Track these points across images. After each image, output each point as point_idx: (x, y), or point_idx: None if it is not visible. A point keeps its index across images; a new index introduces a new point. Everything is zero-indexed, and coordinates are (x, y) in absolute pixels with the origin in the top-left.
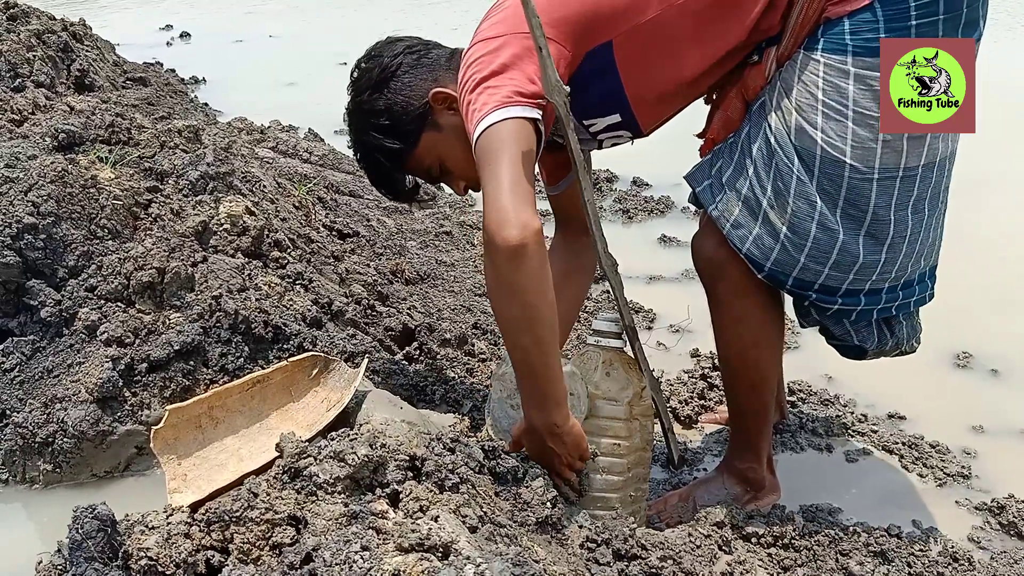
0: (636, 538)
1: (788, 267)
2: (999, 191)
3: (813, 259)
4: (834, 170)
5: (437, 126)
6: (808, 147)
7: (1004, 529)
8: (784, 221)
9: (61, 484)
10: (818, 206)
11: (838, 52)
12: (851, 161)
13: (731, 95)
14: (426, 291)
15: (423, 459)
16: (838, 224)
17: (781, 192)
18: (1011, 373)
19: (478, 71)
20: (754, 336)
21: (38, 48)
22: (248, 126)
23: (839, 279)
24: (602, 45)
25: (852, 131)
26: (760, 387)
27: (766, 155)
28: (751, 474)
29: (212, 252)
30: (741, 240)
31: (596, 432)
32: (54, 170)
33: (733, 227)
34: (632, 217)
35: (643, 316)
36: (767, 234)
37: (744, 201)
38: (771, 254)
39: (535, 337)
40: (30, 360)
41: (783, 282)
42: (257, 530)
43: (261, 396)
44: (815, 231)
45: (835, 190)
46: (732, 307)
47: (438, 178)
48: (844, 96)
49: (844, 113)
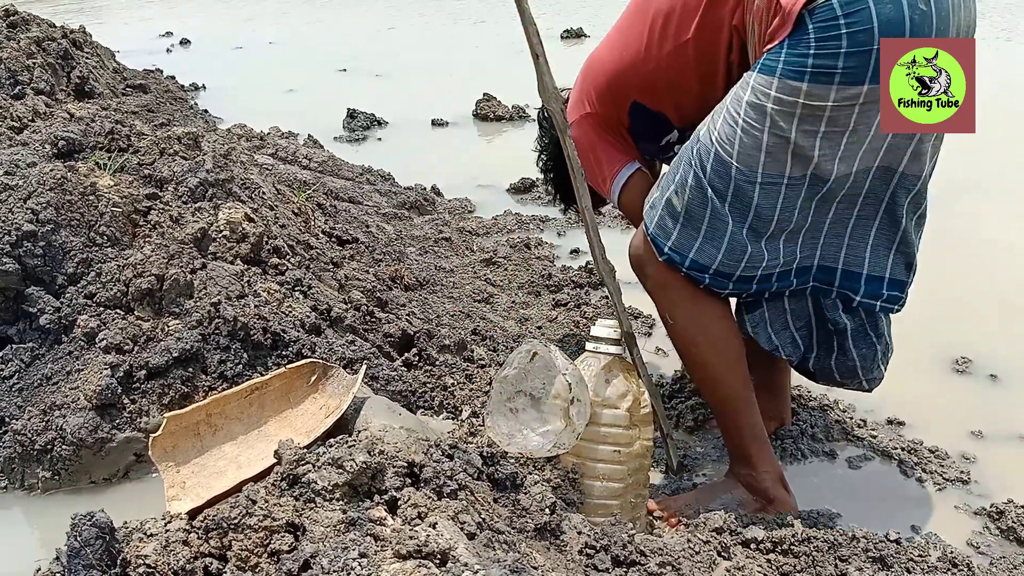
0: (635, 544)
1: (684, 249)
2: (995, 196)
3: (709, 242)
4: (723, 168)
5: None
6: (706, 144)
7: (1003, 534)
8: (682, 206)
9: (60, 491)
10: (708, 196)
11: (752, 69)
12: (736, 163)
13: None
14: (425, 297)
15: (421, 466)
16: (728, 216)
17: (683, 181)
18: (1010, 378)
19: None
20: (688, 333)
21: (38, 55)
22: (247, 132)
23: (731, 266)
24: (634, 103)
25: (740, 138)
26: (716, 389)
27: (685, 149)
28: (752, 481)
29: (211, 259)
30: (651, 220)
31: (596, 439)
32: (53, 177)
33: (650, 208)
34: (628, 225)
35: (642, 322)
36: (668, 216)
37: (661, 187)
38: (672, 234)
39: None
40: (29, 367)
41: (679, 264)
42: (255, 537)
43: (260, 403)
44: (708, 219)
45: (723, 186)
46: (660, 300)
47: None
48: (739, 105)
49: (736, 121)
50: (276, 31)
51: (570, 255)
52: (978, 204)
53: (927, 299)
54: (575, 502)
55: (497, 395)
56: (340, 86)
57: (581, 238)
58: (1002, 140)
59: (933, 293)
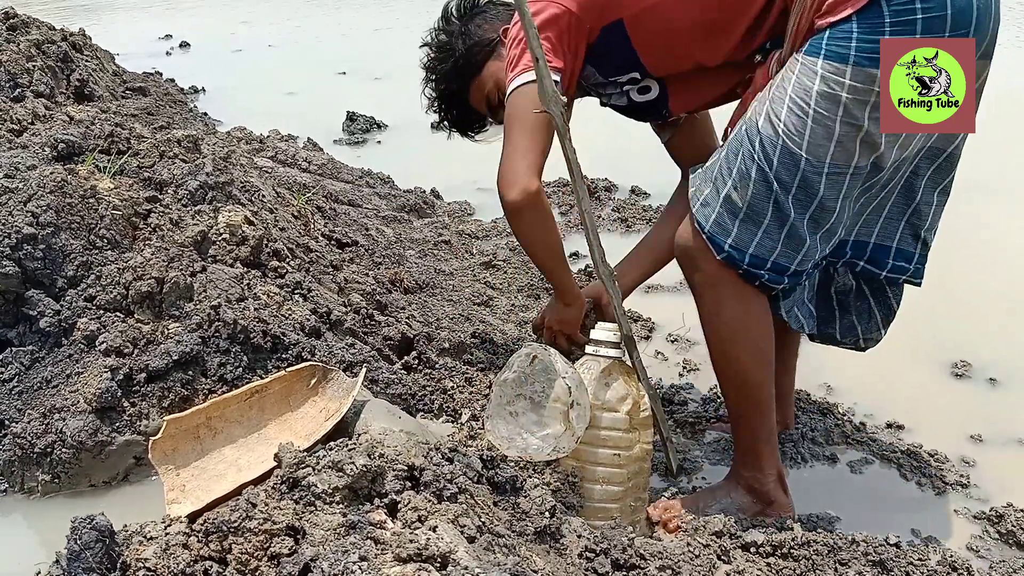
0: (635, 548)
1: (744, 245)
2: (995, 197)
3: (768, 236)
4: (791, 160)
5: (500, 57)
6: (771, 136)
7: (1003, 538)
8: (744, 202)
9: (59, 494)
10: (774, 189)
11: (813, 54)
12: (806, 155)
13: (747, 96)
14: (425, 300)
15: (421, 469)
16: (790, 209)
17: (744, 175)
18: (1009, 382)
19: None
20: (730, 331)
21: (38, 58)
22: (247, 135)
23: (790, 257)
24: (615, 22)
25: (811, 128)
26: (744, 388)
27: (738, 140)
28: (756, 483)
29: (211, 262)
30: (705, 218)
31: (596, 443)
32: (53, 180)
33: (702, 205)
34: (631, 226)
35: (641, 325)
36: (727, 212)
37: (713, 182)
38: (731, 231)
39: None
40: (29, 370)
41: (740, 260)
42: (255, 540)
43: (259, 406)
44: (770, 212)
45: (790, 178)
46: (707, 298)
47: (495, 108)
48: (808, 95)
49: (806, 111)
50: (275, 34)
51: (569, 258)
52: (978, 205)
53: (926, 302)
54: (575, 506)
55: (497, 398)
56: (340, 89)
57: (580, 241)
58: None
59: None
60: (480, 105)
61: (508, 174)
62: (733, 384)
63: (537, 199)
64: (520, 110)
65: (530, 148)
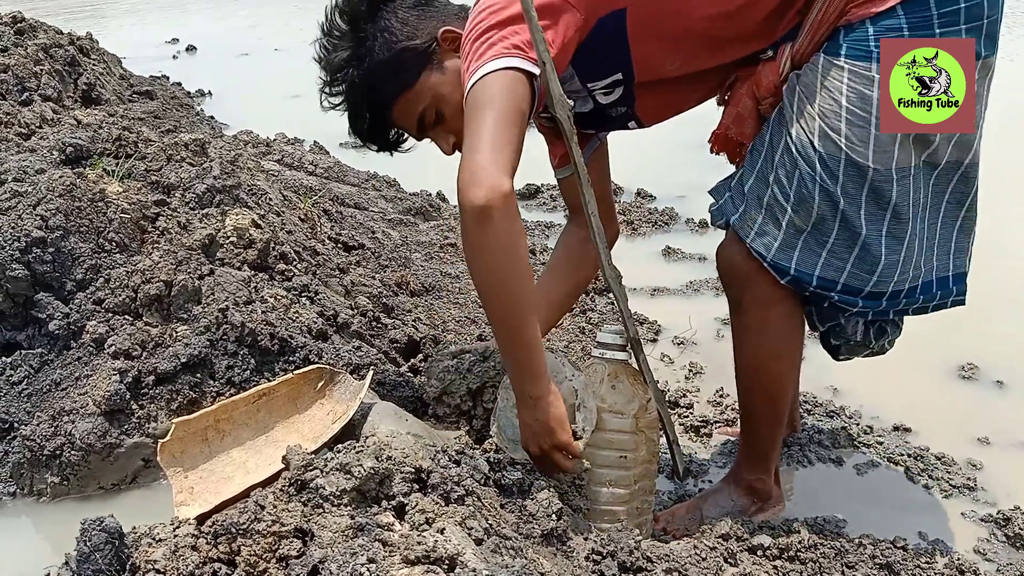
0: (641, 550)
1: (811, 266)
2: (1003, 198)
3: (835, 255)
4: (858, 171)
5: (441, 66)
6: (832, 152)
7: (1010, 541)
8: (808, 224)
9: (68, 497)
10: (840, 207)
11: (862, 59)
12: (873, 164)
13: (742, 92)
14: (431, 303)
15: (429, 471)
16: (861, 225)
17: (805, 198)
18: (1016, 384)
19: (484, 20)
20: (775, 347)
21: (45, 62)
22: (254, 139)
23: (863, 279)
24: (615, 12)
25: (874, 136)
26: (776, 398)
27: (788, 163)
28: (759, 485)
29: (219, 265)
30: (766, 248)
31: (602, 445)
32: (63, 184)
33: (758, 235)
34: (636, 229)
35: (647, 328)
36: (791, 238)
37: (767, 209)
38: (794, 255)
39: (505, 301)
40: (38, 373)
41: (807, 283)
42: (264, 542)
43: (267, 409)
44: (837, 231)
45: (857, 192)
46: (756, 317)
47: (427, 128)
48: (868, 103)
49: (868, 120)
50: (282, 38)
51: None
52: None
53: None
54: (581, 508)
55: (503, 401)
56: None
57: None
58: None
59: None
60: (407, 122)
61: (474, 170)
62: (765, 396)
63: (509, 202)
64: (492, 97)
65: (503, 142)
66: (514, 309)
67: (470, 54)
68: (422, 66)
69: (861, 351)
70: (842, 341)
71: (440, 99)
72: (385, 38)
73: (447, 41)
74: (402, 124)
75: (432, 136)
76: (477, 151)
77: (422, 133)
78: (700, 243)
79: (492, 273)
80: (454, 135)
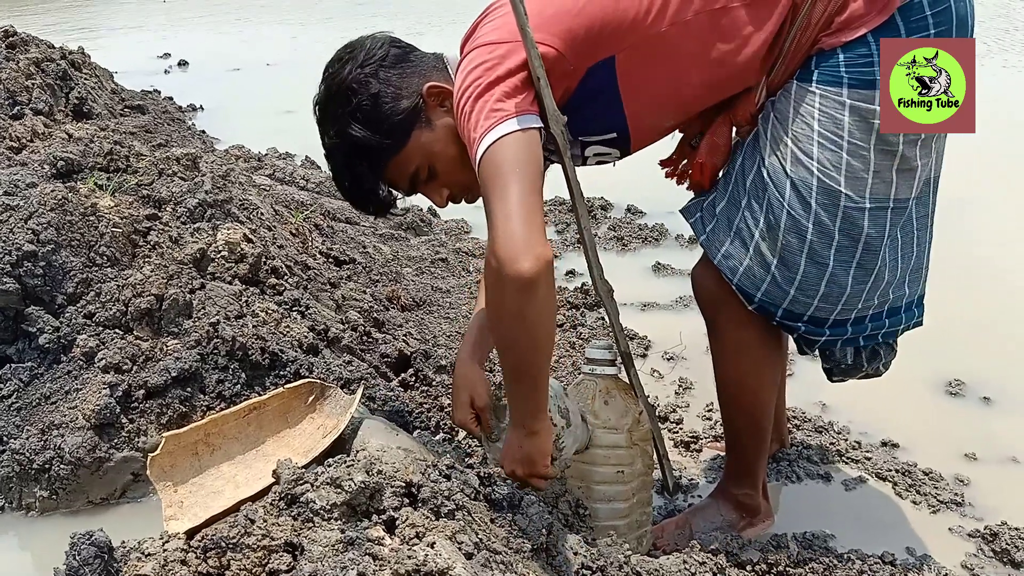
0: (631, 565)
1: (778, 299)
2: (989, 214)
3: (803, 292)
4: (830, 199)
5: (430, 124)
6: (804, 177)
7: (997, 556)
8: (775, 254)
9: (57, 511)
10: (808, 239)
11: (834, 84)
12: (846, 191)
13: (719, 121)
14: (422, 318)
15: (419, 486)
16: (829, 257)
17: (772, 226)
18: (1003, 401)
19: (481, 77)
20: (753, 365)
21: (37, 76)
22: (245, 154)
23: (827, 311)
24: (605, 60)
25: (847, 162)
26: (757, 414)
27: (759, 188)
28: (746, 500)
29: (210, 279)
30: (732, 271)
31: (599, 462)
32: (54, 198)
33: (724, 257)
34: (626, 245)
35: (638, 343)
36: (758, 266)
37: (736, 232)
38: (761, 286)
39: (535, 359)
40: (28, 386)
41: (773, 314)
42: (254, 556)
43: (257, 423)
44: (804, 264)
45: (831, 220)
46: (731, 337)
47: (420, 185)
48: (840, 127)
49: (840, 144)
50: (273, 53)
51: (565, 276)
52: (971, 222)
53: None
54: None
55: (491, 418)
56: None
57: (577, 260)
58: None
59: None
60: (399, 182)
61: (516, 239)
62: (745, 412)
63: (551, 270)
64: (515, 161)
65: (535, 208)
66: (538, 363)
67: (474, 113)
68: (412, 127)
69: (855, 374)
70: (832, 364)
71: (433, 156)
72: (371, 104)
73: (432, 96)
74: (394, 184)
75: (424, 191)
76: (512, 220)
77: (413, 189)
78: (690, 259)
79: (531, 339)
80: (447, 188)
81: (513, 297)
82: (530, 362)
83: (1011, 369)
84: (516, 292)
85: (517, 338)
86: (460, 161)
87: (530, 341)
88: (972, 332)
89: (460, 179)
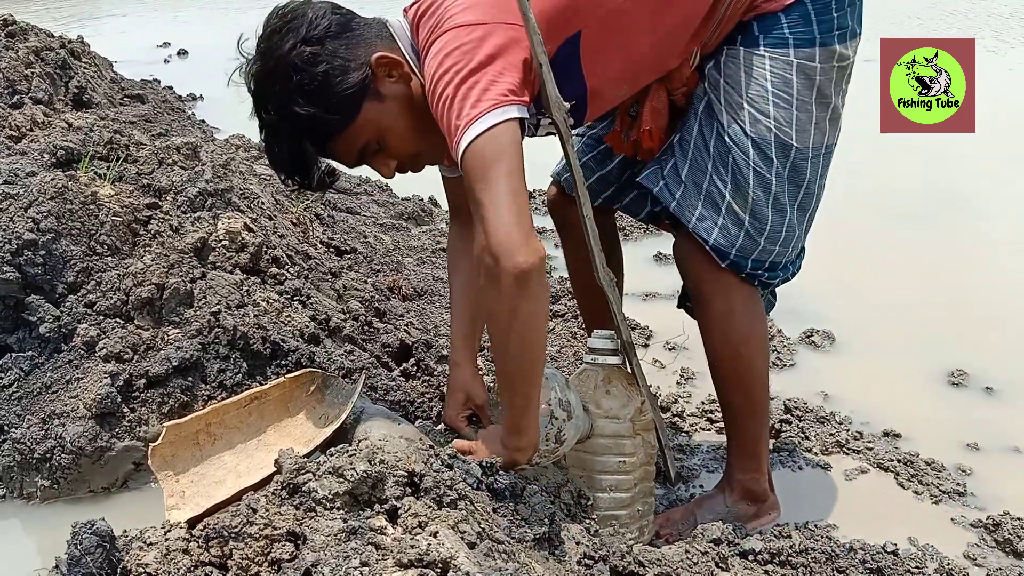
0: (633, 555)
1: (749, 251)
2: (991, 207)
3: (770, 240)
4: (783, 152)
5: (379, 96)
6: (763, 136)
7: (999, 546)
8: (746, 210)
9: (59, 500)
10: (772, 190)
11: (781, 46)
12: (796, 144)
13: (655, 87)
14: (423, 307)
15: (421, 475)
16: (787, 205)
17: (741, 184)
18: (1005, 391)
19: (461, 61)
20: (742, 333)
21: (36, 65)
22: (246, 143)
23: (782, 254)
24: (572, 36)
25: (796, 116)
26: (751, 388)
27: (722, 151)
28: (754, 485)
29: (211, 268)
30: (707, 232)
31: (601, 451)
32: (54, 186)
33: (698, 220)
34: (628, 235)
35: (639, 333)
36: (732, 223)
37: (707, 195)
38: (736, 241)
39: (531, 355)
40: (28, 376)
41: (743, 266)
42: (256, 546)
43: (259, 412)
44: (772, 215)
45: (785, 170)
46: (719, 306)
47: (367, 157)
48: (789, 86)
49: (790, 101)
50: None
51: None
52: (973, 215)
53: (922, 311)
54: (575, 513)
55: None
56: None
57: None
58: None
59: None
60: (346, 155)
61: (508, 233)
62: (742, 385)
63: (544, 265)
64: (501, 153)
65: (523, 201)
66: (534, 360)
67: (456, 101)
68: (361, 100)
69: None
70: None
71: (383, 129)
72: (319, 81)
73: (382, 67)
74: (339, 158)
75: (371, 163)
76: (503, 214)
77: (360, 162)
78: None
79: (525, 331)
80: (395, 159)
81: (509, 291)
82: (530, 361)
83: (1013, 359)
84: (511, 286)
85: (514, 337)
86: (411, 132)
87: (527, 338)
88: (974, 323)
89: (410, 149)
